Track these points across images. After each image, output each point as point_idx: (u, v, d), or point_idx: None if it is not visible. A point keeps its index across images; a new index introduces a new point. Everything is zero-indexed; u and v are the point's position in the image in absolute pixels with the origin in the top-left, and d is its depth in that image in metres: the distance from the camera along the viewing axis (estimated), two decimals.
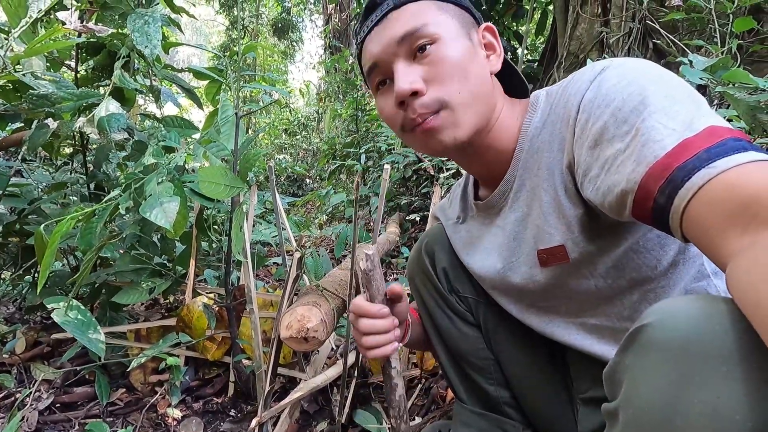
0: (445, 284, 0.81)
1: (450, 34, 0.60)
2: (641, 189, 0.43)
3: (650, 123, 0.44)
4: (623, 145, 0.46)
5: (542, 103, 0.62)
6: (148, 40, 0.98)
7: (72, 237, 1.18)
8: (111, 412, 1.29)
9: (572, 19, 2.95)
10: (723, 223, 0.36)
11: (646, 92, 0.46)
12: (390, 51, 0.60)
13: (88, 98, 1.06)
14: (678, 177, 0.40)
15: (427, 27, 0.59)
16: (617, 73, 0.50)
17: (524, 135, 0.63)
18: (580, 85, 0.54)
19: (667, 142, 0.42)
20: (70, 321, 0.96)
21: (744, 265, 0.33)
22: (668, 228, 0.42)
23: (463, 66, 0.59)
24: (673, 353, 0.33)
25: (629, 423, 0.36)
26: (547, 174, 0.59)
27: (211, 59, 6.93)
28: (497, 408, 0.79)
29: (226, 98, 1.23)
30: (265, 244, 2.92)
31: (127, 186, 0.95)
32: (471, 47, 0.61)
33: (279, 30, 10.40)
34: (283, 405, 1.03)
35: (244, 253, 1.06)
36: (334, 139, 4.91)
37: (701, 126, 0.42)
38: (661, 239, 0.56)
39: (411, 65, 0.60)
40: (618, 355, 0.39)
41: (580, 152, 0.52)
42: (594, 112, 0.50)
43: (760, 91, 1.15)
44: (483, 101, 0.61)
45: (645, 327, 0.35)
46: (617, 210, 0.47)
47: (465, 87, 0.59)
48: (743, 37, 1.99)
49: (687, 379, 0.32)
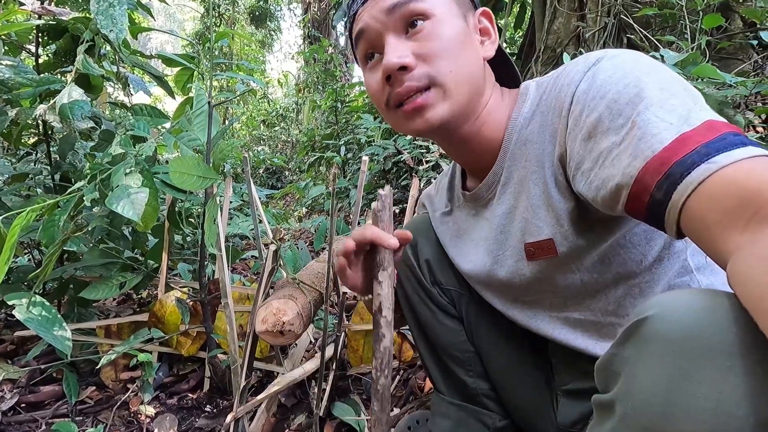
0: (428, 276, 0.80)
1: (445, 12, 0.58)
2: (637, 183, 0.42)
3: (647, 116, 0.43)
4: (618, 138, 0.45)
5: (532, 93, 0.61)
6: (113, 23, 0.93)
7: (35, 230, 1.12)
8: (81, 411, 1.25)
9: (550, 14, 2.98)
10: (724, 220, 0.36)
11: (642, 84, 0.45)
12: (381, 19, 0.58)
13: (49, 84, 1.01)
14: (677, 172, 0.39)
15: (422, 1, 0.57)
16: (612, 64, 0.49)
17: (513, 125, 0.62)
18: (573, 76, 0.52)
19: (664, 136, 0.41)
20: (34, 318, 0.92)
21: (746, 261, 0.32)
22: (662, 223, 0.42)
23: (455, 46, 0.58)
24: (675, 346, 0.33)
25: (627, 416, 0.36)
26: (537, 166, 0.58)
27: (185, 47, 6.71)
28: (476, 399, 0.80)
29: (200, 87, 1.19)
30: (243, 237, 2.87)
31: (92, 177, 0.91)
32: (466, 29, 0.60)
33: (256, 18, 10.15)
34: (259, 399, 1.02)
35: (218, 246, 1.03)
36: (314, 131, 4.84)
37: (699, 120, 0.41)
38: (647, 234, 0.55)
39: (402, 40, 0.58)
40: (615, 347, 0.38)
41: (573, 144, 0.51)
42: (588, 104, 0.49)
43: (727, 86, 1.19)
44: (473, 84, 0.60)
45: (646, 319, 0.35)
46: (610, 204, 0.46)
47: (456, 67, 0.57)
48: (712, 33, 2.05)
49: (689, 372, 0.31)
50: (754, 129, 1.67)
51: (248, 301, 1.40)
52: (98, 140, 1.30)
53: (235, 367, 1.00)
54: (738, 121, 1.10)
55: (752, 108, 1.72)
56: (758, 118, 1.60)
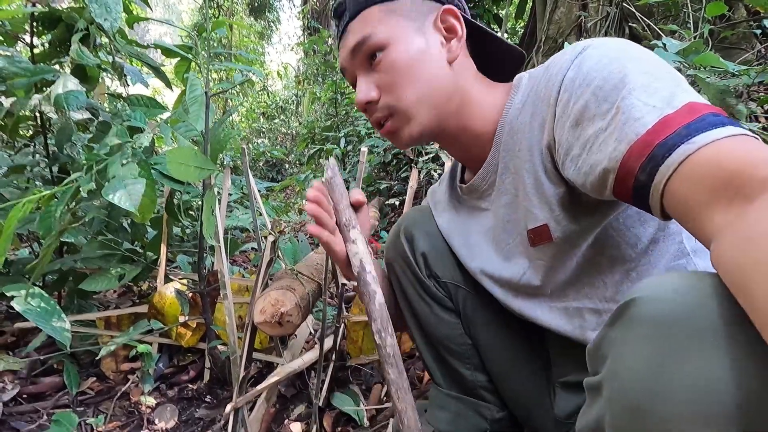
0: (424, 269, 0.80)
1: (400, 35, 0.61)
2: (623, 167, 0.43)
3: (630, 101, 0.44)
4: (604, 124, 0.46)
5: (524, 84, 0.62)
6: (108, 12, 0.92)
7: (32, 222, 1.12)
8: (81, 402, 1.26)
9: (551, 3, 2.94)
10: (705, 199, 0.36)
11: (626, 70, 0.46)
12: (349, 61, 0.65)
13: (43, 74, 1.00)
14: (658, 154, 0.40)
15: (372, 37, 0.61)
16: (597, 52, 0.50)
17: (505, 117, 0.63)
18: (561, 66, 0.53)
19: (647, 120, 0.42)
20: (32, 309, 0.92)
21: (728, 241, 0.33)
22: (648, 206, 0.42)
23: (411, 70, 0.61)
24: (660, 327, 0.33)
25: (613, 396, 0.36)
26: (528, 155, 0.58)
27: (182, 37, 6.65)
28: (473, 392, 0.80)
29: (194, 76, 1.18)
30: (243, 230, 2.87)
31: (89, 168, 0.90)
32: (422, 45, 0.62)
33: (255, 9, 10.06)
34: (259, 390, 1.02)
35: (217, 237, 1.03)
36: (313, 123, 4.82)
37: (681, 102, 0.41)
38: (640, 216, 0.56)
39: (368, 74, 0.64)
40: (604, 330, 0.38)
41: (562, 132, 0.52)
42: (575, 92, 0.50)
43: (730, 75, 1.17)
44: (438, 96, 0.62)
45: (632, 301, 0.35)
46: (599, 189, 0.47)
47: (413, 90, 0.61)
48: (715, 22, 2.03)
49: (673, 352, 0.32)
50: (756, 119, 1.65)
51: (247, 293, 1.41)
52: (95, 131, 1.29)
53: (234, 358, 1.01)
54: (740, 111, 1.09)
55: (755, 98, 1.70)
56: (761, 108, 1.58)
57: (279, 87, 9.40)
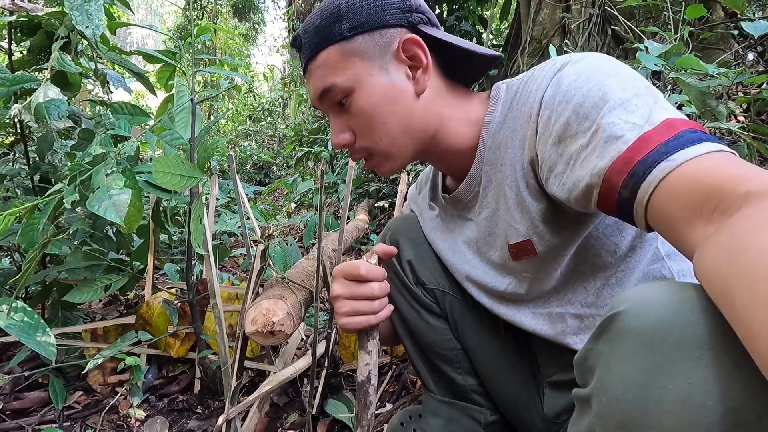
0: (411, 276, 0.80)
1: (364, 76, 0.60)
2: (606, 183, 0.44)
3: (610, 119, 0.45)
4: (586, 141, 0.47)
5: (503, 97, 0.62)
6: (89, 19, 0.90)
7: (14, 233, 1.09)
8: (68, 417, 1.23)
9: (535, 5, 2.97)
10: (686, 215, 0.37)
11: (605, 88, 0.47)
12: (318, 104, 0.65)
13: (23, 83, 0.97)
14: (639, 171, 0.41)
15: (335, 86, 0.60)
16: (575, 69, 0.51)
17: (486, 131, 0.63)
18: (540, 82, 0.54)
19: (628, 137, 0.43)
20: (15, 324, 0.89)
21: (709, 253, 0.33)
22: (633, 219, 0.44)
23: (380, 112, 0.61)
24: (646, 340, 0.33)
25: (603, 410, 0.36)
26: (510, 170, 0.60)
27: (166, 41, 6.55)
28: (465, 396, 0.80)
29: (181, 83, 1.16)
30: (231, 235, 2.83)
31: (72, 178, 0.88)
32: (386, 84, 0.60)
33: (239, 11, 9.97)
34: (251, 399, 1.01)
35: (205, 245, 1.01)
36: (301, 125, 4.79)
37: (659, 119, 0.43)
38: (618, 224, 0.57)
39: (340, 116, 0.64)
40: (590, 342, 0.39)
41: (544, 149, 0.52)
42: (556, 109, 0.51)
43: (709, 77, 1.20)
44: (413, 129, 0.63)
45: (618, 314, 0.36)
46: (584, 203, 0.49)
47: (386, 132, 0.62)
48: (694, 24, 2.07)
49: (660, 365, 0.32)
50: (735, 119, 1.69)
51: (237, 301, 1.39)
52: (78, 139, 1.26)
53: (225, 368, 0.99)
54: (720, 112, 1.11)
55: (734, 98, 1.74)
56: (739, 108, 1.62)
57: (265, 89, 9.33)
